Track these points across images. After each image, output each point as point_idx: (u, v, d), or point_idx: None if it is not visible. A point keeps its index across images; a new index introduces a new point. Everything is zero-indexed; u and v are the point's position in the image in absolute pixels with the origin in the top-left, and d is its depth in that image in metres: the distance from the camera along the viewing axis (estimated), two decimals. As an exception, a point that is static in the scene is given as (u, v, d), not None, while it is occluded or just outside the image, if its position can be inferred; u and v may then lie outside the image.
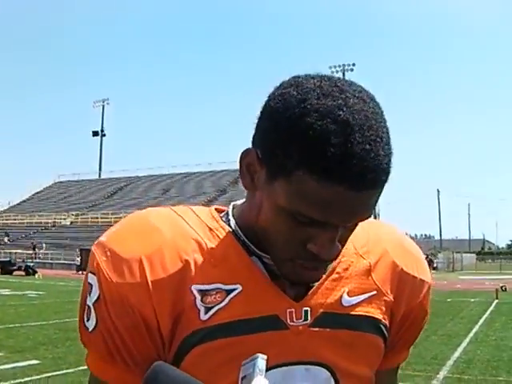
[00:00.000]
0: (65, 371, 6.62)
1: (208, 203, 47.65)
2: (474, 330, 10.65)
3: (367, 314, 0.85)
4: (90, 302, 0.80)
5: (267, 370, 0.73)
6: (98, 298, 0.79)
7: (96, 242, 0.83)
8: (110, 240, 0.82)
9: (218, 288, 0.79)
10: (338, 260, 0.84)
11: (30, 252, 40.54)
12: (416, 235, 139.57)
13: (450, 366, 7.36)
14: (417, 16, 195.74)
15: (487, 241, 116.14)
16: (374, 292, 0.87)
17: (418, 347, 8.46)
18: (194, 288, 0.78)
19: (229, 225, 0.85)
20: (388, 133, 0.73)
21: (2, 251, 41.29)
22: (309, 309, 0.81)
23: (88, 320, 0.81)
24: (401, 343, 0.95)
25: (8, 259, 33.78)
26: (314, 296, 0.82)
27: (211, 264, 0.80)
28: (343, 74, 58.11)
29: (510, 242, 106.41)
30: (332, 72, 58.57)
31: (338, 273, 0.85)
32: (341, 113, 0.69)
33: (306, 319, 0.81)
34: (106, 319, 0.78)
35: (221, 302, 0.78)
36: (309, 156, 0.69)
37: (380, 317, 0.87)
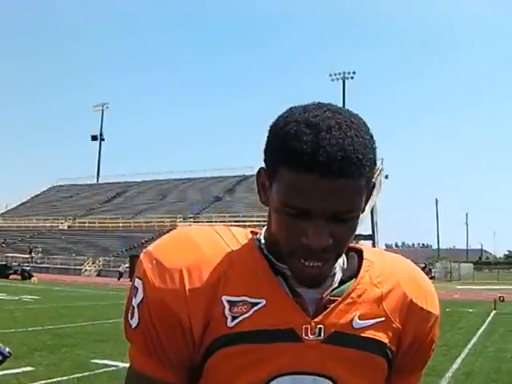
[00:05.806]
0: (59, 379, 6.49)
1: (203, 210, 47.66)
2: (473, 341, 10.57)
3: (375, 338, 0.94)
4: (134, 303, 0.93)
5: (279, 375, 0.89)
6: (142, 300, 0.92)
7: (144, 251, 0.96)
8: (156, 251, 0.94)
9: (244, 300, 0.90)
10: (353, 287, 0.95)
11: (27, 256, 40.43)
12: (414, 244, 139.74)
13: (449, 377, 7.27)
14: (420, 25, 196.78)
15: (485, 251, 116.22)
16: (383, 318, 0.96)
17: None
18: (224, 299, 0.90)
19: (259, 244, 0.97)
20: (362, 137, 0.84)
21: (-1, 254, 41.12)
22: (323, 326, 0.91)
23: (132, 318, 0.94)
24: (408, 368, 1.04)
25: (4, 263, 33.66)
26: (329, 316, 0.92)
27: (240, 279, 0.92)
28: (343, 82, 58.32)
29: (507, 253, 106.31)
30: (332, 80, 59.11)
31: (352, 298, 0.94)
32: (313, 119, 0.84)
33: (319, 335, 0.91)
34: (146, 319, 0.91)
35: (246, 312, 0.90)
36: (287, 154, 0.83)
37: (386, 341, 0.96)
